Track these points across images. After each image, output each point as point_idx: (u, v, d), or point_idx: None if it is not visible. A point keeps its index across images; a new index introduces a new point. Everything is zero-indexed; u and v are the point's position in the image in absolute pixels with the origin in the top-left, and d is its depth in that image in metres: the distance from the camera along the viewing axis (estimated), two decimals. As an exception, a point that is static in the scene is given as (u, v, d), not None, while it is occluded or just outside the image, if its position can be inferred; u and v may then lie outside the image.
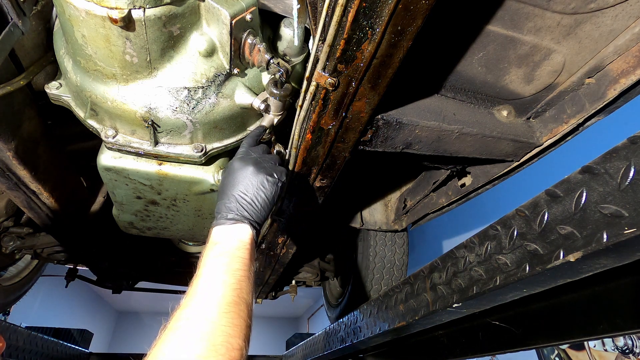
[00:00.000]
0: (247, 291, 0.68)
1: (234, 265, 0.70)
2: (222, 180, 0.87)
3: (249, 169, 0.84)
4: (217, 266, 0.70)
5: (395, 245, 2.18)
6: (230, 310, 0.62)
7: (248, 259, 0.74)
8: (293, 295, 2.51)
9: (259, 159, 0.86)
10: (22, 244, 1.87)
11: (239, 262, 0.71)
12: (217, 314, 0.61)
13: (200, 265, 0.72)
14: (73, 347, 2.68)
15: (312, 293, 8.00)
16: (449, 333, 1.38)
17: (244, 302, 0.66)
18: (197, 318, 0.60)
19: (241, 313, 0.63)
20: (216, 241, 0.76)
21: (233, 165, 0.86)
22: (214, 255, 0.72)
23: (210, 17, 0.80)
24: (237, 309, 0.63)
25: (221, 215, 0.80)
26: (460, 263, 0.92)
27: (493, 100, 1.01)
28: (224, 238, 0.76)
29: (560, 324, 1.00)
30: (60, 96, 0.97)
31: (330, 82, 0.70)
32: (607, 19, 0.77)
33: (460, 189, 1.42)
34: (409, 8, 0.57)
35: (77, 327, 3.47)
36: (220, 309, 0.62)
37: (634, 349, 2.23)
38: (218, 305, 0.62)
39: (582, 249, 0.58)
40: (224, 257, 0.72)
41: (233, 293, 0.65)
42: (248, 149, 0.90)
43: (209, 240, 0.77)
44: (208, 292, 0.65)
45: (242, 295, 0.66)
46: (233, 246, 0.74)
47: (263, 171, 0.84)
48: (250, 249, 0.76)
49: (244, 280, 0.69)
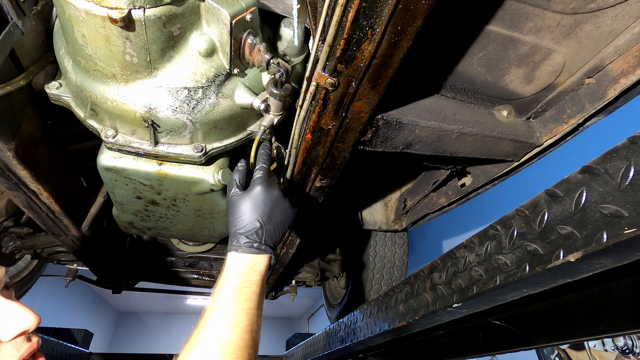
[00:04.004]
0: (257, 331, 0.68)
1: (250, 303, 0.69)
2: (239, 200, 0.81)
3: (276, 194, 0.80)
4: (233, 304, 0.68)
5: (395, 245, 2.18)
6: (239, 356, 0.63)
7: (262, 294, 0.73)
8: (293, 295, 2.51)
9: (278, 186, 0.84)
10: (22, 244, 1.87)
11: (255, 300, 0.71)
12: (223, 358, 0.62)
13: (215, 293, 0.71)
14: (73, 347, 2.68)
15: (312, 293, 8.00)
16: (449, 333, 1.38)
17: (255, 345, 0.66)
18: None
19: (250, 358, 0.64)
20: (236, 271, 0.73)
21: (258, 187, 0.81)
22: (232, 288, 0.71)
23: (210, 17, 0.80)
24: (247, 353, 0.64)
25: (246, 243, 0.76)
26: (460, 263, 0.92)
27: (493, 100, 1.01)
28: (244, 269, 0.74)
29: (560, 324, 0.99)
30: (60, 96, 0.97)
31: (330, 82, 0.70)
32: (607, 19, 0.77)
33: (460, 189, 1.42)
34: (409, 8, 0.57)
35: (77, 327, 3.47)
36: (229, 354, 0.62)
37: (634, 349, 2.23)
38: (227, 350, 0.62)
39: (582, 249, 0.58)
40: (241, 294, 0.70)
41: (246, 336, 0.65)
42: (267, 172, 0.86)
43: (228, 265, 0.75)
44: (219, 333, 0.65)
45: (252, 337, 0.66)
46: (252, 281, 0.73)
47: (288, 201, 0.81)
48: (264, 281, 0.75)
49: (256, 321, 0.69)
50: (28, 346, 0.61)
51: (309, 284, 2.59)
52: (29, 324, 0.61)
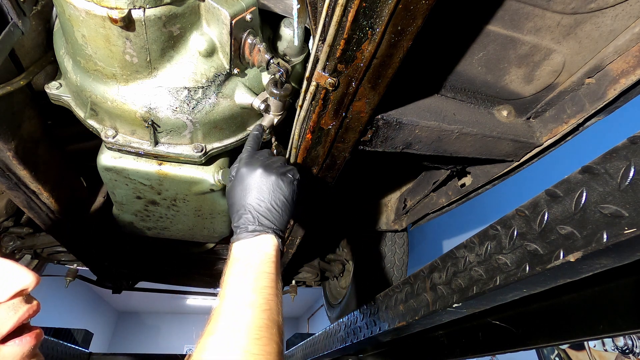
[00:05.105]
0: (276, 311, 0.63)
1: (261, 282, 0.64)
2: (230, 191, 0.78)
3: (258, 171, 0.75)
4: (243, 285, 0.63)
5: (395, 245, 2.18)
6: (262, 336, 0.57)
7: (275, 274, 0.67)
8: (293, 295, 2.51)
9: (267, 161, 0.78)
10: (22, 244, 1.87)
11: (266, 279, 0.65)
12: (248, 341, 0.55)
13: (223, 284, 0.65)
14: (73, 347, 2.68)
15: (312, 293, 8.00)
16: (449, 333, 1.38)
17: (275, 325, 0.60)
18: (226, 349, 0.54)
19: (273, 337, 0.58)
20: (238, 257, 0.69)
21: (240, 172, 0.77)
22: (238, 273, 0.66)
23: (210, 17, 0.80)
24: (269, 333, 0.58)
25: (240, 229, 0.72)
26: (460, 263, 0.92)
27: (493, 100, 1.01)
28: (246, 253, 0.69)
29: (560, 324, 1.00)
30: (60, 96, 0.97)
31: (330, 82, 0.70)
32: (607, 19, 0.77)
33: (460, 189, 1.42)
34: (409, 8, 0.57)
35: (77, 327, 3.47)
36: (250, 335, 0.56)
37: (634, 349, 2.23)
38: (248, 332, 0.56)
39: (582, 249, 0.58)
40: (249, 275, 0.65)
41: (263, 315, 0.59)
42: (252, 153, 0.82)
43: (230, 257, 0.70)
44: (235, 316, 0.59)
45: (272, 317, 0.61)
46: (258, 261, 0.67)
47: (275, 172, 0.75)
48: (276, 261, 0.70)
49: (273, 299, 0.63)
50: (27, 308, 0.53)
51: (309, 284, 2.59)
52: (26, 283, 0.53)
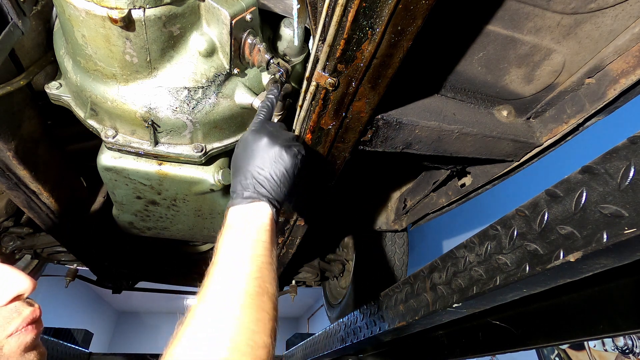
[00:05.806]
0: (269, 280, 0.62)
1: (255, 250, 0.64)
2: (235, 155, 0.77)
3: (263, 140, 0.74)
4: (236, 252, 0.63)
5: (395, 245, 2.18)
6: (252, 304, 0.56)
7: (269, 242, 0.67)
8: (293, 295, 2.51)
9: (274, 132, 0.76)
10: (22, 244, 1.87)
11: (260, 247, 0.65)
12: (239, 308, 0.55)
13: (216, 251, 0.65)
14: (73, 347, 2.68)
15: (312, 293, 8.00)
16: (449, 333, 1.38)
17: (267, 293, 0.60)
18: (216, 315, 0.55)
19: (264, 306, 0.58)
20: (232, 224, 0.68)
21: (246, 138, 0.76)
22: (231, 240, 0.65)
23: (210, 17, 0.80)
24: (260, 301, 0.58)
25: (236, 194, 0.72)
26: (460, 263, 0.92)
27: (493, 100, 1.01)
28: (241, 219, 0.68)
29: (560, 324, 1.00)
30: (60, 96, 0.97)
31: (330, 82, 0.70)
32: (607, 19, 0.77)
33: (460, 189, 1.42)
34: (409, 8, 0.57)
35: (77, 327, 3.47)
36: (241, 303, 0.56)
37: (634, 349, 2.23)
38: (239, 299, 0.56)
39: (582, 249, 0.58)
40: (242, 242, 0.65)
41: (255, 283, 0.59)
42: (262, 122, 0.79)
43: (225, 223, 0.69)
44: (227, 283, 0.59)
45: (264, 285, 0.60)
46: (252, 228, 0.67)
47: (279, 143, 0.74)
48: (270, 230, 0.69)
49: (266, 268, 0.63)
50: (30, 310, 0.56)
51: (309, 284, 2.59)
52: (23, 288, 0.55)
